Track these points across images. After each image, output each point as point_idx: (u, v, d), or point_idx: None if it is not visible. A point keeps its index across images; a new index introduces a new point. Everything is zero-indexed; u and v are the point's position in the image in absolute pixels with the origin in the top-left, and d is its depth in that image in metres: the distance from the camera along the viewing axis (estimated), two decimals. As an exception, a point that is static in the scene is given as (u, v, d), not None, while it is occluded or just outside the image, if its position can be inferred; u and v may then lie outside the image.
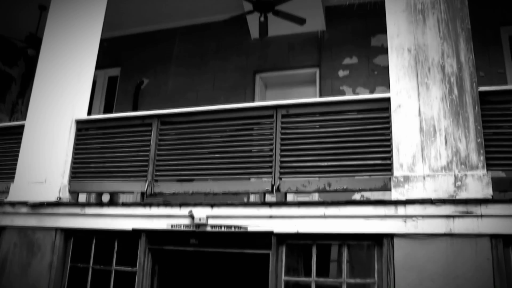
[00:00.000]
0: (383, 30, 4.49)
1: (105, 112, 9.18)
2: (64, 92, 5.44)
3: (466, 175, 3.75)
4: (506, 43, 7.17)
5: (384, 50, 5.99)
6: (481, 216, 3.61)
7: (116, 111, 8.86)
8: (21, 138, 5.45)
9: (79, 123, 5.37)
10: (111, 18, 6.91)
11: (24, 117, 5.77)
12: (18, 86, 10.08)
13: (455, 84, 4.00)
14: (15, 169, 5.35)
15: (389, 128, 4.14)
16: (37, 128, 5.41)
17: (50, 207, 4.99)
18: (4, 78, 9.83)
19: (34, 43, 8.22)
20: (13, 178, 5.32)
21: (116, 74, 9.48)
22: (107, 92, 9.51)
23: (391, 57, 4.30)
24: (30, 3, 8.34)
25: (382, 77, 7.26)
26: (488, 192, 3.65)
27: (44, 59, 5.75)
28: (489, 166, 3.77)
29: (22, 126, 5.54)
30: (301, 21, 7.21)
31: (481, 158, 3.77)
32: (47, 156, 5.24)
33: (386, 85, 4.46)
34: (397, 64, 4.24)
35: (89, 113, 5.65)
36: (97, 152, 5.25)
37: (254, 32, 8.15)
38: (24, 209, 5.07)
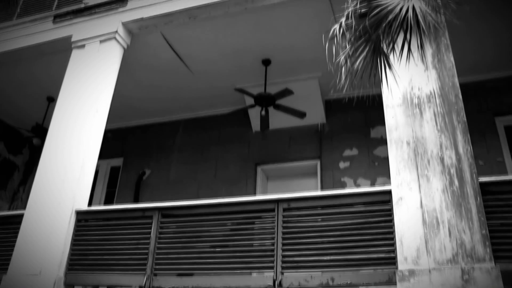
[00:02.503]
0: (382, 122, 4.60)
1: (106, 202, 9.15)
2: (66, 182, 5.47)
3: (473, 268, 3.64)
4: (502, 133, 7.32)
5: (383, 142, 6.09)
6: (494, 313, 3.46)
7: (117, 202, 8.84)
8: (19, 228, 5.38)
9: (79, 213, 5.33)
10: (116, 111, 7.13)
11: (24, 205, 5.74)
12: (20, 174, 10.14)
13: (455, 175, 4.02)
14: (10, 260, 5.21)
15: (392, 220, 4.10)
16: (36, 217, 5.36)
17: (42, 302, 4.81)
18: (8, 166, 9.93)
19: (40, 133, 8.39)
20: (7, 269, 5.17)
21: (119, 164, 9.57)
22: (109, 181, 9.53)
23: (391, 150, 4.37)
24: (39, 95, 8.61)
25: (382, 168, 7.31)
26: (498, 286, 3.52)
27: (48, 148, 5.86)
28: (497, 258, 3.67)
29: (21, 216, 5.49)
30: (301, 115, 7.40)
31: (488, 250, 3.68)
32: (44, 247, 5.14)
33: (387, 175, 4.48)
34: (397, 157, 4.29)
35: (89, 202, 5.63)
36: (96, 244, 5.15)
37: (256, 125, 8.34)
38: (14, 304, 4.88)
